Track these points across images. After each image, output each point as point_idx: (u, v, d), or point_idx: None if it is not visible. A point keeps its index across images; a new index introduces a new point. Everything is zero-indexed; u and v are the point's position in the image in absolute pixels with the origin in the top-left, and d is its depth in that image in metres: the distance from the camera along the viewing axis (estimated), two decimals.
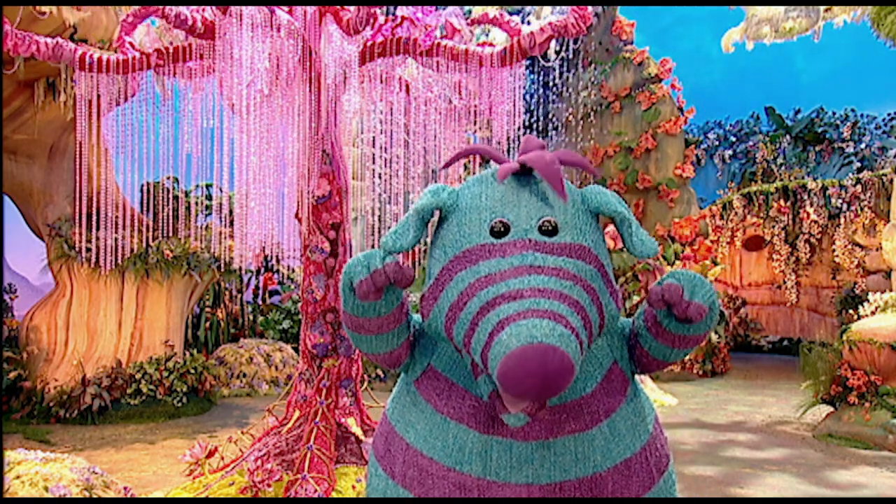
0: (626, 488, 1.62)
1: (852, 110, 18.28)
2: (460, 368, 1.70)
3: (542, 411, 1.52)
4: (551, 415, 1.59)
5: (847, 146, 17.73)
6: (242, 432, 4.40)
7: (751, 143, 19.05)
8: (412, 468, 1.67)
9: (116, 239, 4.87)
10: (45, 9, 5.36)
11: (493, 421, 1.60)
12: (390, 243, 1.63)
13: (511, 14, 4.04)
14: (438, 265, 1.63)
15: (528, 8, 11.98)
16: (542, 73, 14.43)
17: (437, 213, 1.71)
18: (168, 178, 7.43)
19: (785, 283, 13.89)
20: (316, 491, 3.50)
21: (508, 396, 1.46)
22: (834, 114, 18.46)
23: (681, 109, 13.05)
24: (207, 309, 10.83)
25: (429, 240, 1.82)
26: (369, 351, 1.77)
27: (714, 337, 11.39)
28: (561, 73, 13.95)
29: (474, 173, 2.20)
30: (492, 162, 1.79)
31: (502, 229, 1.56)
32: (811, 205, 12.96)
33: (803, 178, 16.08)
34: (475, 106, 4.15)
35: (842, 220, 12.60)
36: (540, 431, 1.58)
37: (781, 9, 8.11)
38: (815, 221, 12.93)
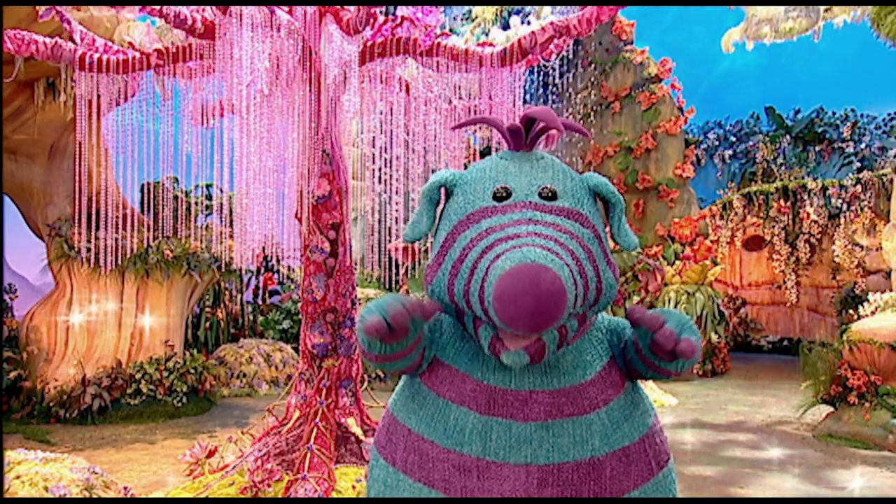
0: (625, 475, 1.64)
1: (852, 110, 18.27)
2: (462, 355, 1.74)
3: (543, 394, 1.61)
4: (550, 398, 1.64)
5: (847, 146, 17.72)
6: (242, 432, 4.40)
7: (751, 143, 19.05)
8: (413, 453, 1.71)
9: (116, 239, 4.88)
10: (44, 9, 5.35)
11: (493, 402, 1.64)
12: (409, 234, 1.78)
13: (511, 14, 4.04)
14: (443, 233, 1.72)
15: (528, 8, 11.99)
16: (542, 73, 14.43)
17: (443, 191, 1.80)
18: (168, 178, 7.43)
19: (785, 283, 13.88)
20: (316, 491, 3.50)
21: (507, 332, 1.50)
22: (834, 114, 18.46)
23: (681, 109, 13.06)
24: (207, 309, 10.82)
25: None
26: (394, 370, 1.78)
27: (714, 337, 11.39)
28: (561, 73, 13.97)
29: None
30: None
31: (504, 194, 1.67)
32: (811, 205, 12.95)
33: (803, 178, 16.06)
34: (475, 106, 4.15)
35: (842, 220, 12.59)
36: (539, 413, 1.62)
37: (781, 9, 8.10)
38: (815, 221, 12.92)
